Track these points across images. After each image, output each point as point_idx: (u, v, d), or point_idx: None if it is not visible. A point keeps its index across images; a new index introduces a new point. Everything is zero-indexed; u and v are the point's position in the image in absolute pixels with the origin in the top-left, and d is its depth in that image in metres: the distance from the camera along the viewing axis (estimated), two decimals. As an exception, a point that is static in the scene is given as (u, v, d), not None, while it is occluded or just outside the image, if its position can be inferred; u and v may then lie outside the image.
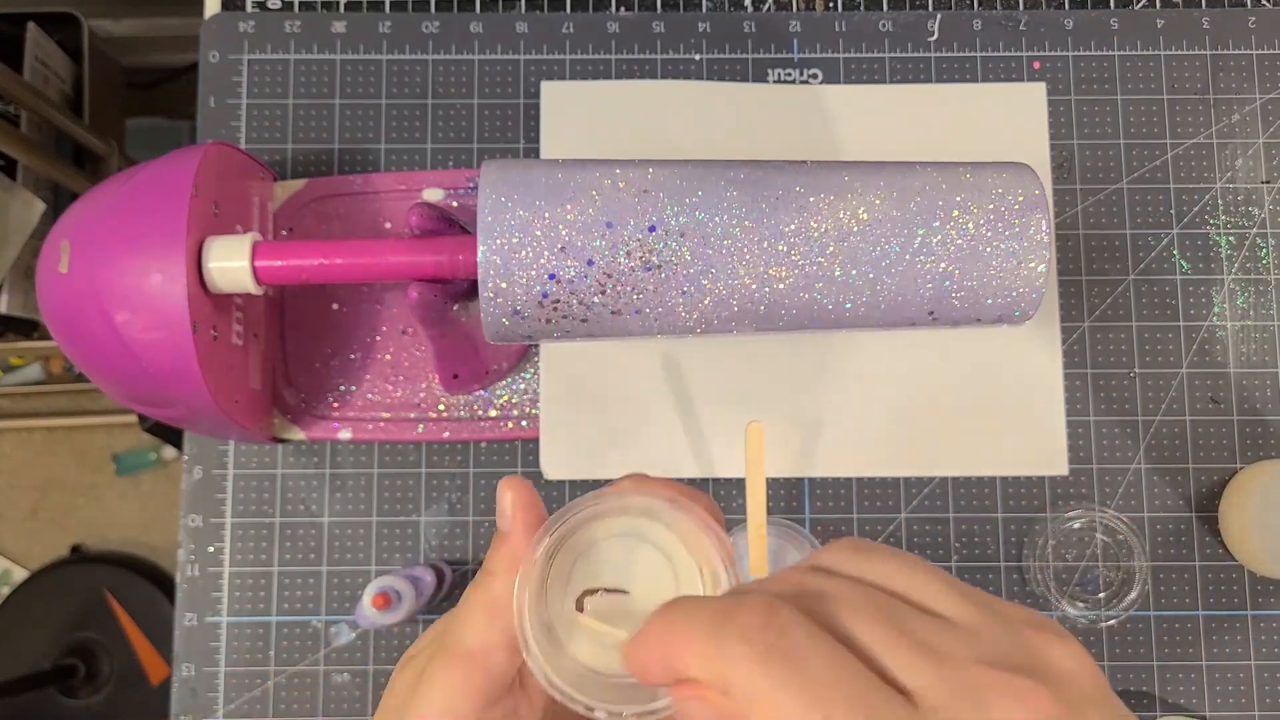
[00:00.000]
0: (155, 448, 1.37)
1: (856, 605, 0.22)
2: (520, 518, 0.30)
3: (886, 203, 0.46)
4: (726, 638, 0.21)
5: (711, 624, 0.21)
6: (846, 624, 0.21)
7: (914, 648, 0.21)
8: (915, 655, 0.21)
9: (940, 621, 0.22)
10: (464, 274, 0.48)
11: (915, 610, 0.22)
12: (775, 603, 0.21)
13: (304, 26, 0.60)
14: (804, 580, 0.23)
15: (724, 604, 0.22)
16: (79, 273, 0.46)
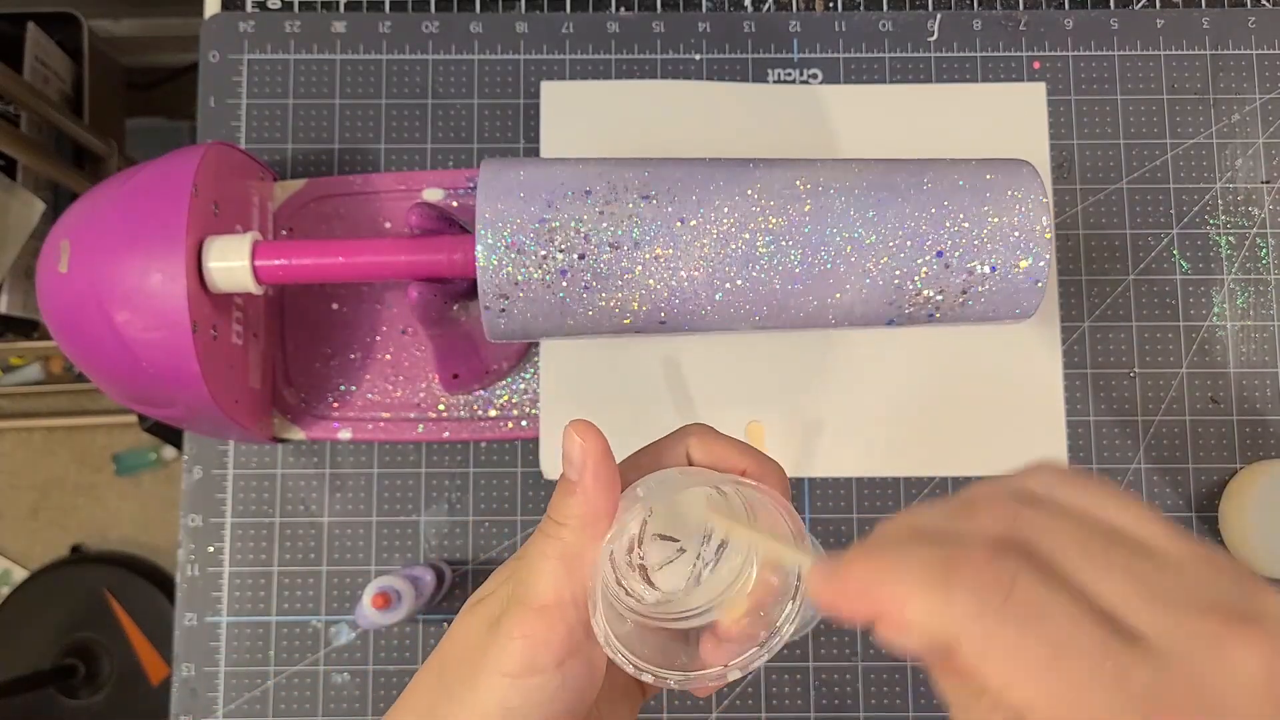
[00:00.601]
0: (155, 448, 1.37)
1: (1080, 548, 0.21)
2: (592, 469, 0.30)
3: (886, 201, 0.46)
4: (952, 590, 0.21)
5: (934, 572, 0.21)
6: (1072, 570, 0.21)
7: (1143, 591, 0.21)
8: (1146, 599, 0.20)
9: (1161, 562, 0.21)
10: (464, 274, 0.48)
11: (1135, 548, 0.22)
12: (1000, 550, 0.21)
13: (304, 26, 0.60)
14: (1018, 514, 0.22)
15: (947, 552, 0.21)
16: (79, 273, 0.46)
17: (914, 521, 0.23)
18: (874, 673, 0.56)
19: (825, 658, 0.56)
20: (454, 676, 0.30)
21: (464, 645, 0.30)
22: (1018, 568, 0.21)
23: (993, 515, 0.22)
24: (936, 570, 0.21)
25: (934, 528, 0.23)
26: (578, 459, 0.30)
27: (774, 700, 0.56)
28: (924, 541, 0.22)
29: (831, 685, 0.56)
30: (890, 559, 0.22)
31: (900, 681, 0.56)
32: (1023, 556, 0.21)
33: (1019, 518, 0.22)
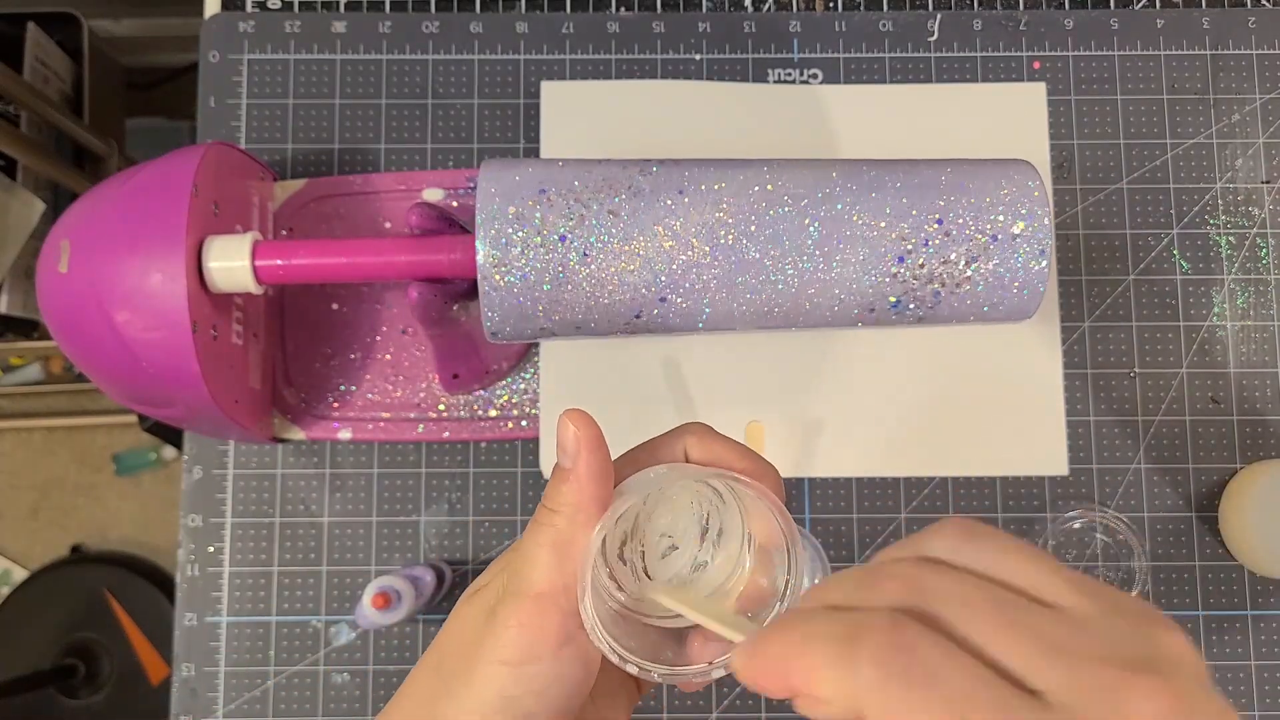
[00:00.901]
0: (155, 448, 1.37)
1: (975, 605, 0.22)
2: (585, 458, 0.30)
3: (887, 200, 0.46)
4: (856, 661, 0.21)
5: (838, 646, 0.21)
6: (968, 628, 0.21)
7: (1040, 647, 0.21)
8: (1043, 655, 0.21)
9: (1059, 615, 0.22)
10: (464, 274, 0.48)
11: (1034, 604, 0.22)
12: (900, 619, 0.21)
13: (304, 26, 0.60)
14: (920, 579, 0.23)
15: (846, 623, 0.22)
16: (79, 273, 0.46)
17: (824, 595, 0.24)
18: (874, 673, 0.56)
19: (825, 658, 0.56)
20: (452, 668, 0.30)
21: (461, 636, 0.31)
22: (917, 633, 0.21)
23: (895, 583, 0.23)
24: (841, 642, 0.22)
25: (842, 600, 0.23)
26: (571, 446, 0.30)
27: (774, 700, 0.55)
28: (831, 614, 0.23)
29: (831, 685, 0.56)
30: (799, 634, 0.22)
31: (900, 681, 0.56)
32: (921, 622, 0.21)
33: (921, 583, 0.23)
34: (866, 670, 0.21)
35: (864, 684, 0.21)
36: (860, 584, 0.24)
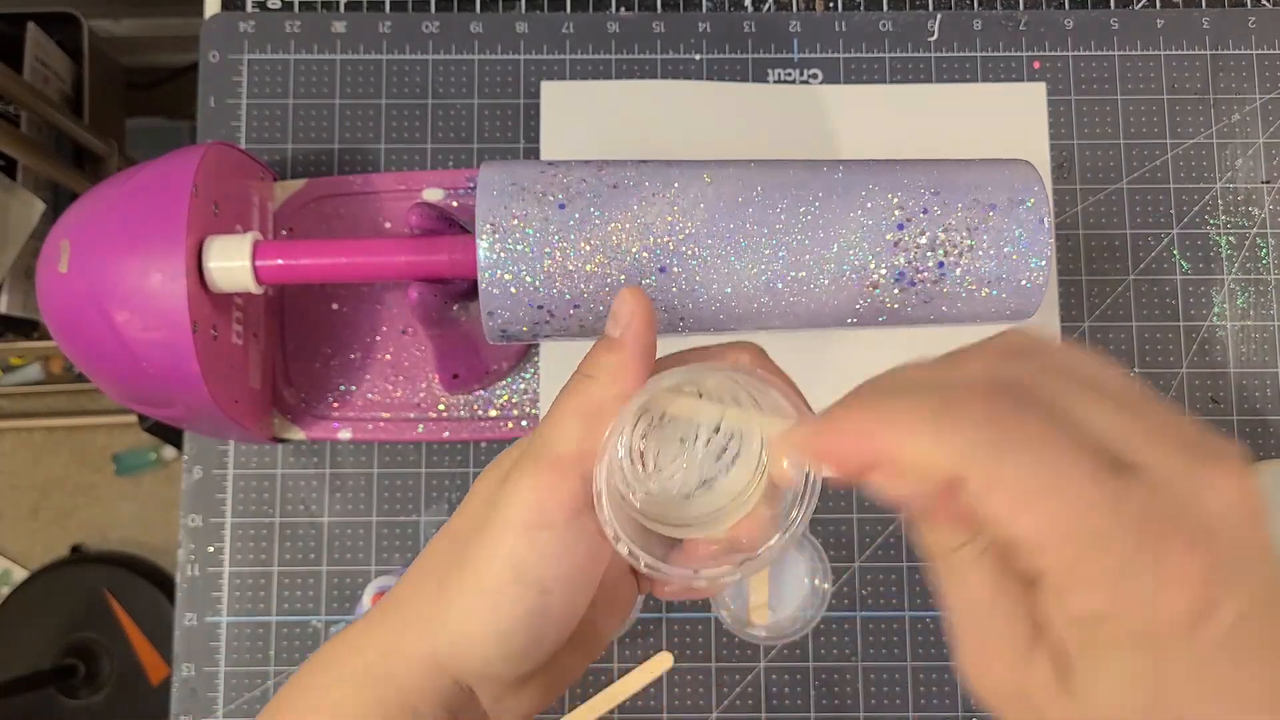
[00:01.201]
0: (155, 448, 1.37)
1: (1069, 388, 0.22)
2: (637, 329, 0.29)
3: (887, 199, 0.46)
4: (960, 423, 0.21)
5: (935, 413, 0.22)
6: (1066, 406, 0.22)
7: (1130, 427, 0.22)
8: (1134, 434, 0.21)
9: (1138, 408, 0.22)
10: (464, 274, 0.48)
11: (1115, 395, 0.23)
12: (998, 389, 0.22)
13: (304, 26, 0.60)
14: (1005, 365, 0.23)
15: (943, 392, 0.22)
16: (79, 272, 0.46)
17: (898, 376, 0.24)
18: (874, 673, 0.56)
19: (825, 658, 0.56)
20: (465, 534, 0.30)
21: (475, 503, 0.30)
22: (1015, 403, 0.21)
23: (981, 364, 0.23)
24: (935, 409, 0.22)
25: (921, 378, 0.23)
26: (624, 317, 0.30)
27: (774, 700, 0.56)
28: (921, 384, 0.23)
29: (831, 685, 0.56)
30: (886, 403, 0.22)
31: (900, 681, 0.56)
32: (1019, 394, 0.22)
33: (1005, 366, 0.23)
34: (964, 436, 0.21)
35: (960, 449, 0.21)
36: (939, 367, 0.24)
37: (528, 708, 0.32)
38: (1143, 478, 0.21)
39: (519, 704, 0.31)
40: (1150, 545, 0.20)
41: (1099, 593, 0.21)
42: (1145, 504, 0.20)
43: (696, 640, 0.56)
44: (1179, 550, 0.20)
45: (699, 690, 0.56)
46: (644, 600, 0.55)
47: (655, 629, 0.56)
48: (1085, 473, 0.21)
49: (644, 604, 0.55)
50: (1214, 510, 0.21)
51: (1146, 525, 0.20)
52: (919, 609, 0.56)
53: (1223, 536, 0.20)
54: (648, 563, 0.28)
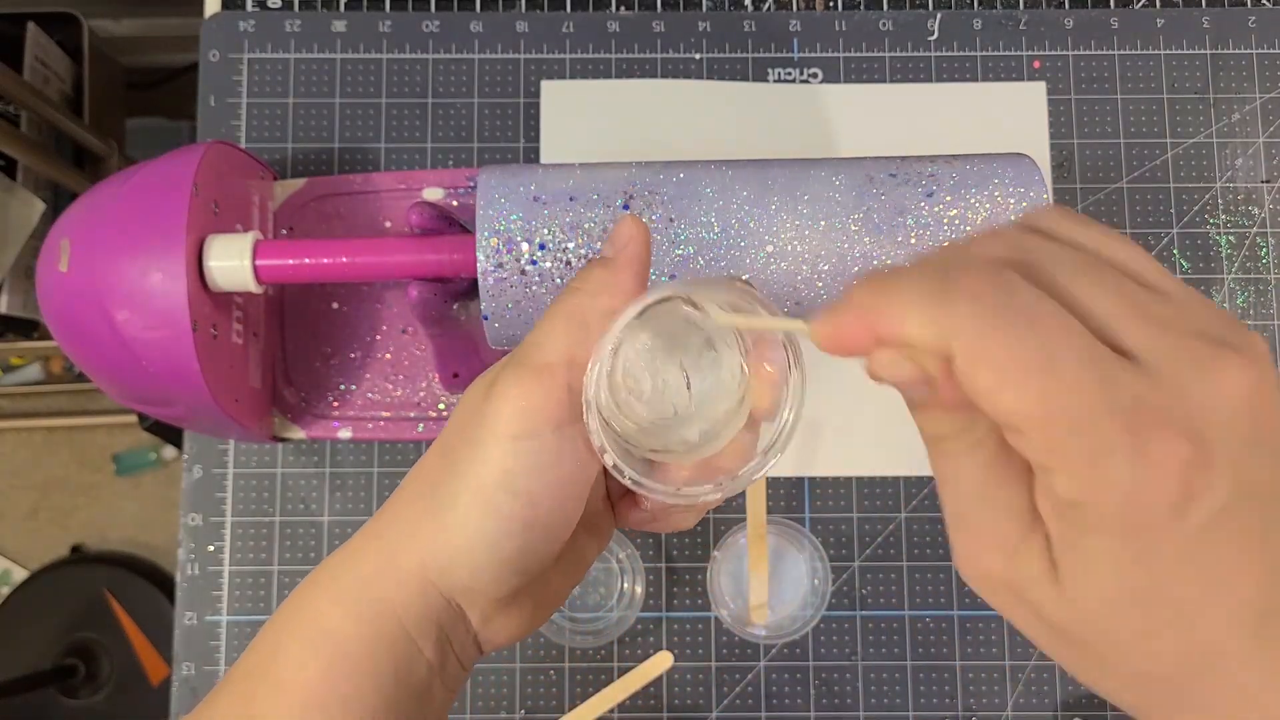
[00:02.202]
0: (155, 447, 1.37)
1: (1078, 269, 0.22)
2: (633, 250, 0.29)
3: (887, 196, 0.46)
4: (953, 299, 0.21)
5: (935, 286, 0.21)
6: (1069, 287, 0.22)
7: (1138, 313, 0.21)
8: (1139, 320, 0.21)
9: (1157, 292, 0.22)
10: (464, 273, 0.48)
11: (1134, 278, 0.22)
12: (1001, 267, 0.21)
13: (304, 26, 0.60)
14: (1021, 241, 0.23)
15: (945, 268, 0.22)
16: (79, 272, 0.46)
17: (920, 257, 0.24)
18: (874, 673, 0.56)
19: (825, 657, 0.56)
20: (454, 446, 0.29)
21: (463, 414, 0.30)
22: (1015, 280, 0.21)
23: (995, 241, 0.23)
24: (935, 283, 0.21)
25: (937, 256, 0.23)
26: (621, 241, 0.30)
27: (774, 700, 0.56)
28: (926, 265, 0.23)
29: (831, 685, 0.56)
30: (890, 280, 0.22)
31: (900, 681, 0.56)
32: (1020, 270, 0.22)
33: (1021, 242, 0.23)
34: (960, 308, 0.21)
35: (956, 321, 0.21)
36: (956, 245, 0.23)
37: (514, 629, 0.32)
38: (1142, 364, 0.21)
39: (506, 624, 0.32)
40: (1134, 431, 0.20)
41: (1080, 477, 0.20)
42: (1137, 389, 0.20)
43: (696, 640, 0.56)
44: (1164, 438, 0.20)
45: (699, 690, 0.56)
46: (644, 599, 0.55)
47: (655, 629, 0.56)
48: (1076, 352, 0.20)
49: (644, 603, 0.55)
50: (1212, 402, 0.20)
51: (1134, 411, 0.20)
52: (919, 609, 0.56)
53: (1214, 427, 0.20)
54: (631, 476, 0.28)
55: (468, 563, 0.29)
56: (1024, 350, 0.20)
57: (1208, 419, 0.20)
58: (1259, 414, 0.21)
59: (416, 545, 0.30)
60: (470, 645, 0.32)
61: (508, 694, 0.55)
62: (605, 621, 0.55)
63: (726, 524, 0.57)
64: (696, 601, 0.56)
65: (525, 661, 0.56)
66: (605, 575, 0.56)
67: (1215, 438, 0.20)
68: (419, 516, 0.30)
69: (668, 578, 0.57)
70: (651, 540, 0.57)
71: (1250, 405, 0.21)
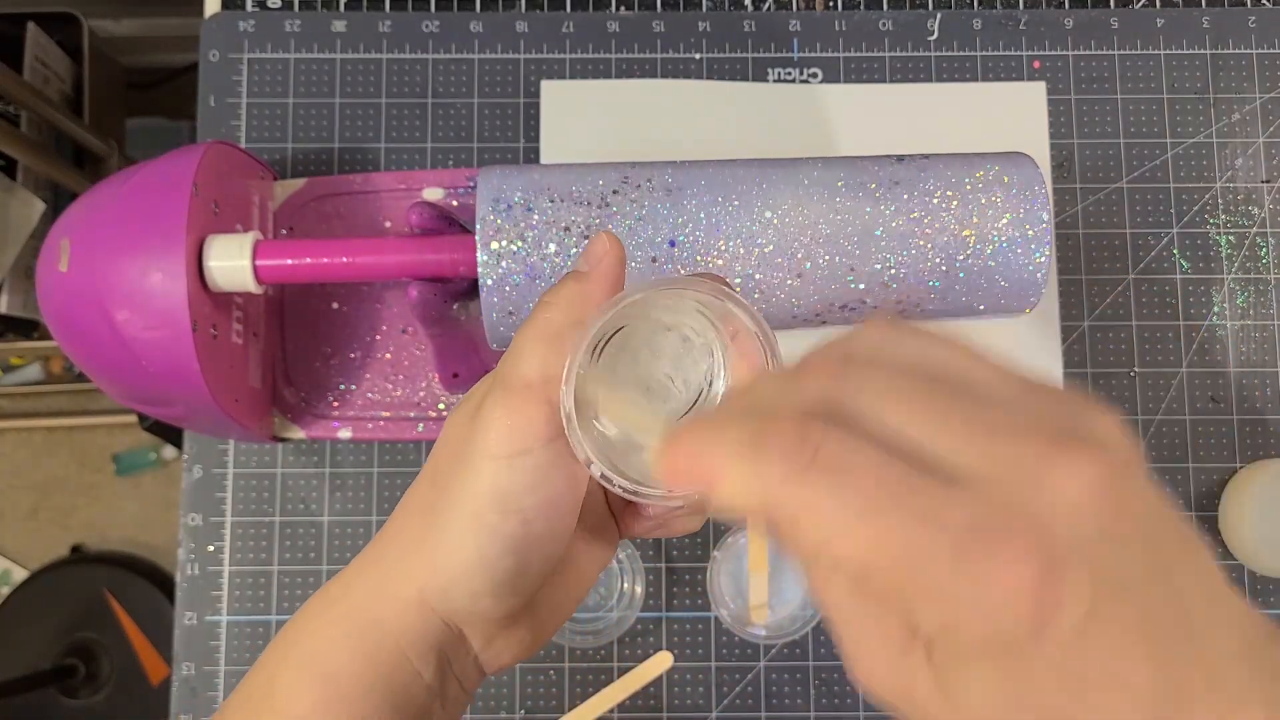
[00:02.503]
0: (155, 447, 1.37)
1: (895, 391, 0.21)
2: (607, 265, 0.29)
3: (888, 195, 0.46)
4: (763, 459, 0.21)
5: (746, 447, 0.21)
6: (885, 415, 0.21)
7: (958, 427, 0.20)
8: (960, 434, 0.20)
9: (985, 399, 0.21)
10: (464, 273, 0.48)
11: (959, 390, 0.21)
12: (807, 418, 0.21)
13: (304, 26, 0.60)
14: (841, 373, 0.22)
15: (755, 425, 0.21)
16: (79, 272, 0.46)
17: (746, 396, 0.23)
18: (874, 672, 0.56)
19: (825, 658, 0.56)
20: (445, 472, 0.29)
21: (451, 441, 0.30)
22: (825, 429, 0.20)
23: (816, 379, 0.22)
24: (747, 441, 0.21)
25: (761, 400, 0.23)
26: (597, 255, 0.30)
27: (774, 700, 0.56)
28: (745, 415, 0.22)
29: (831, 685, 0.56)
30: (711, 432, 0.22)
31: (900, 681, 0.56)
32: (831, 418, 0.21)
33: (841, 378, 0.22)
34: (770, 468, 0.20)
35: (767, 482, 0.20)
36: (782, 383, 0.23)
37: (518, 650, 0.32)
38: (972, 483, 0.20)
39: (509, 646, 0.32)
40: (975, 556, 0.19)
41: (937, 608, 0.20)
42: (969, 511, 0.19)
43: (696, 640, 0.56)
44: (1009, 556, 0.19)
45: (699, 690, 0.56)
46: (644, 599, 0.55)
47: (655, 629, 0.56)
48: (897, 493, 0.20)
49: (644, 603, 0.55)
50: (1052, 506, 0.19)
51: (970, 534, 0.19)
52: (919, 608, 0.56)
53: (1058, 534, 0.19)
54: (621, 484, 0.28)
55: (465, 586, 0.29)
56: (837, 501, 0.20)
57: (1053, 525, 0.19)
58: (1109, 505, 0.20)
59: (413, 571, 0.30)
60: (472, 668, 0.32)
61: (508, 694, 0.55)
62: (605, 621, 0.55)
63: (726, 524, 0.57)
64: (696, 601, 0.56)
65: (525, 661, 0.56)
66: (605, 575, 0.56)
67: (1064, 544, 0.19)
68: (414, 542, 0.30)
69: (668, 578, 0.57)
70: (651, 540, 0.57)
71: (1097, 500, 0.19)
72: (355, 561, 0.32)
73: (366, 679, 0.29)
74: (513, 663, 0.32)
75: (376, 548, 0.31)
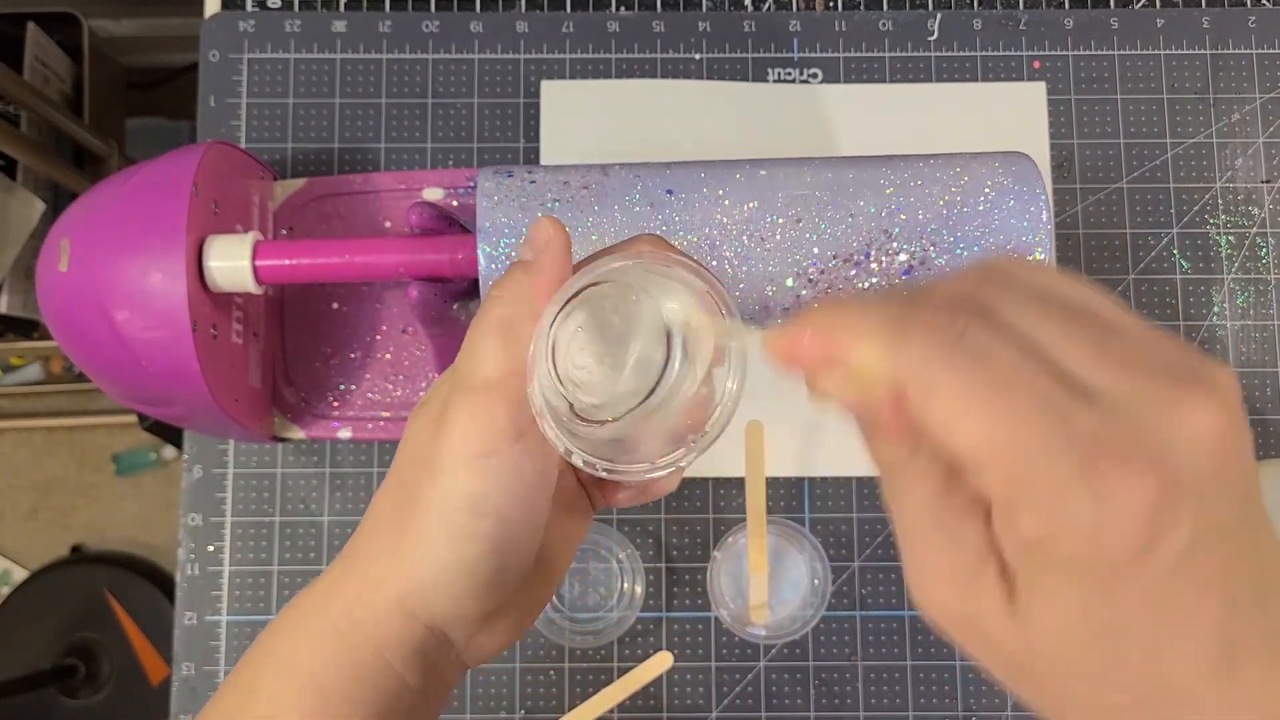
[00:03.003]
0: (155, 447, 1.37)
1: (1034, 311, 0.22)
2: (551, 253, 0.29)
3: (887, 195, 0.46)
4: (908, 333, 0.21)
5: (893, 320, 0.21)
6: (1026, 329, 0.21)
7: (1096, 352, 0.21)
8: (1099, 359, 0.21)
9: (1116, 331, 0.22)
10: (464, 273, 0.48)
11: (1091, 318, 0.22)
12: (957, 305, 0.21)
13: (304, 26, 0.60)
14: (980, 284, 0.23)
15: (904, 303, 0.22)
16: (79, 272, 0.46)
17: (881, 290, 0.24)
18: (874, 672, 0.56)
19: (825, 657, 0.56)
20: (413, 479, 0.29)
21: (415, 445, 0.30)
22: (970, 319, 0.21)
23: (953, 283, 0.23)
24: (892, 318, 0.22)
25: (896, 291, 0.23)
26: (539, 243, 0.29)
27: (774, 700, 0.56)
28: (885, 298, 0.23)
29: (831, 685, 0.56)
30: (848, 309, 0.22)
31: (900, 681, 0.56)
32: (978, 312, 0.22)
33: (979, 284, 0.23)
34: (914, 344, 0.21)
35: (909, 355, 0.21)
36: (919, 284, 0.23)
37: (501, 641, 0.32)
38: (1101, 401, 0.20)
39: (492, 639, 0.31)
40: (1096, 468, 0.19)
41: (1041, 515, 0.20)
42: (1097, 426, 0.20)
43: (696, 640, 0.56)
44: (1127, 476, 0.19)
45: (699, 690, 0.56)
46: (644, 599, 0.55)
47: (655, 629, 0.56)
48: (1033, 388, 0.20)
49: (644, 603, 0.55)
50: (1176, 438, 0.20)
51: (1095, 447, 0.20)
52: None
53: (1179, 465, 0.20)
54: (604, 467, 0.27)
55: (448, 591, 0.29)
56: (979, 386, 0.20)
57: (1174, 456, 0.20)
58: (1224, 451, 0.20)
59: (390, 579, 0.29)
60: (454, 664, 0.32)
61: (508, 694, 0.55)
62: (605, 621, 0.55)
63: (726, 524, 0.57)
64: (696, 601, 0.56)
65: (525, 661, 0.56)
66: (605, 575, 0.56)
67: (1181, 475, 0.20)
68: (388, 551, 0.30)
69: (668, 578, 0.57)
70: (651, 540, 0.57)
71: (1215, 442, 0.20)
72: (330, 570, 0.32)
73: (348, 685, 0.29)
74: (495, 653, 0.32)
75: (348, 558, 0.31)
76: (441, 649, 0.31)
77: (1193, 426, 0.20)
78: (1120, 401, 0.20)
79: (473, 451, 0.28)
